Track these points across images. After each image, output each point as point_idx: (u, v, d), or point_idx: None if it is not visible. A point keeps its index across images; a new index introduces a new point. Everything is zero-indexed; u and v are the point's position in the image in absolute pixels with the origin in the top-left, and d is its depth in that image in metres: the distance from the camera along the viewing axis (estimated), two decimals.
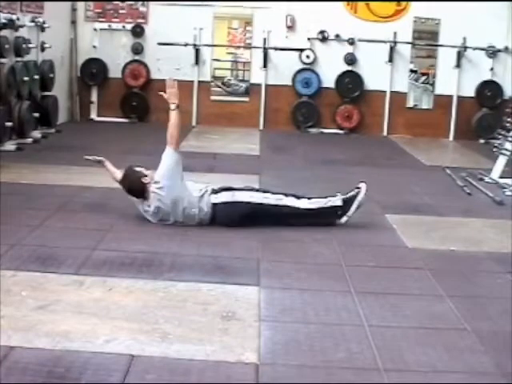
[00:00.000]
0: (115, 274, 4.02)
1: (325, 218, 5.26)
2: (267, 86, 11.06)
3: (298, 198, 5.24)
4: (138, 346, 3.09)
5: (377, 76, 10.95)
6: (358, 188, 5.29)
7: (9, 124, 7.99)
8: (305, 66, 10.97)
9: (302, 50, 10.91)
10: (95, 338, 3.14)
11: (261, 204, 5.12)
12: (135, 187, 5.13)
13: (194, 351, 3.06)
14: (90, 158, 5.48)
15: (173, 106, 5.15)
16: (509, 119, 7.65)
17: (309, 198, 5.25)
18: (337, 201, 5.23)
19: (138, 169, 5.20)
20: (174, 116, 5.15)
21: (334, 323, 3.47)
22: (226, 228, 5.07)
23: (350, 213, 5.23)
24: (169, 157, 5.11)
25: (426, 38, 11.03)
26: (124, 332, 3.22)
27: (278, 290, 3.91)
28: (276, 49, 10.95)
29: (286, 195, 5.22)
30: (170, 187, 5.04)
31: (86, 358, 2.95)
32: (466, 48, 10.83)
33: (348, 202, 5.23)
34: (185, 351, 3.06)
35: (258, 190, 5.33)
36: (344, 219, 5.24)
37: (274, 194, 5.22)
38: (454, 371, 3.00)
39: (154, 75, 10.97)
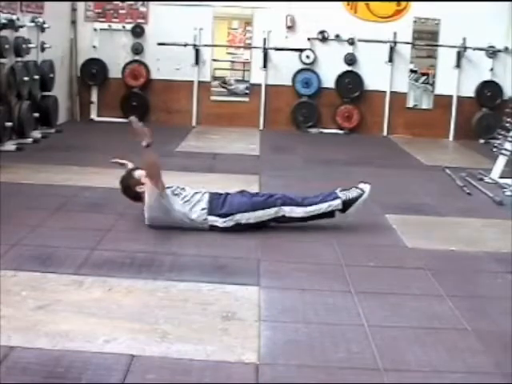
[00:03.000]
0: (115, 274, 4.02)
1: (324, 218, 5.22)
2: (267, 86, 11.06)
3: (298, 204, 5.08)
4: (138, 345, 3.09)
5: (377, 76, 10.95)
6: (362, 190, 5.19)
7: (9, 124, 7.99)
8: (305, 66, 10.97)
9: (301, 50, 10.91)
10: (95, 338, 3.14)
11: (261, 221, 5.08)
12: (129, 193, 5.17)
13: (193, 351, 3.07)
14: (118, 161, 5.51)
15: (144, 144, 4.78)
16: (509, 119, 7.64)
17: (309, 205, 5.09)
18: (338, 205, 5.13)
19: (137, 173, 5.18)
20: (148, 154, 4.82)
21: (334, 323, 3.47)
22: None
23: (348, 213, 5.18)
24: (149, 196, 4.93)
25: (426, 38, 11.03)
26: (124, 332, 3.22)
27: (278, 289, 3.91)
28: (276, 49, 10.95)
29: (285, 203, 5.06)
30: (156, 219, 4.97)
31: (86, 357, 2.95)
32: (465, 48, 10.82)
33: (348, 203, 5.15)
34: (185, 351, 3.06)
35: (254, 203, 5.07)
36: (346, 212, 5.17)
37: (272, 207, 5.04)
38: (454, 371, 3.01)
39: (154, 75, 10.98)
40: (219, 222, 5.02)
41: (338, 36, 10.89)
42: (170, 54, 10.88)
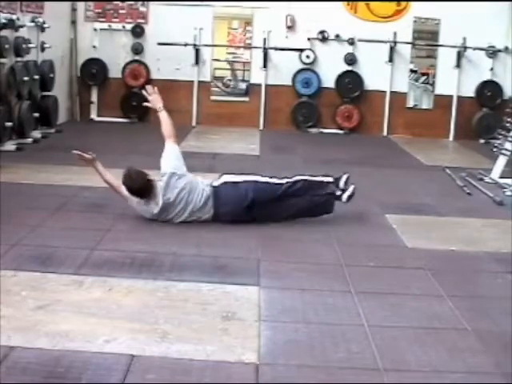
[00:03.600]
0: (115, 273, 4.02)
1: (323, 196, 5.36)
2: (267, 86, 11.06)
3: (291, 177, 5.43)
4: (138, 345, 3.09)
5: (377, 76, 10.94)
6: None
7: (9, 124, 7.99)
8: (305, 66, 10.97)
9: (302, 50, 10.91)
10: (95, 338, 3.14)
11: (258, 181, 5.28)
12: (141, 186, 5.09)
13: (193, 351, 3.07)
14: (82, 154, 5.36)
15: (159, 109, 5.47)
16: (509, 119, 7.64)
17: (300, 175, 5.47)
18: (329, 178, 5.46)
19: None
20: (163, 116, 5.46)
21: (334, 323, 3.47)
22: (225, 227, 5.08)
23: (341, 184, 5.39)
24: (172, 148, 5.29)
25: (426, 38, 11.03)
26: (124, 332, 3.22)
27: (278, 289, 3.91)
28: (276, 49, 10.95)
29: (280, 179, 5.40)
30: (180, 174, 5.15)
31: (86, 357, 2.95)
32: (465, 48, 10.82)
33: (337, 179, 5.44)
34: (185, 351, 3.07)
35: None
36: (344, 196, 5.36)
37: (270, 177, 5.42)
38: (454, 371, 3.01)
39: (154, 75, 10.97)
40: (219, 180, 5.29)
41: (338, 36, 10.88)
42: (170, 54, 10.87)
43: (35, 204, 5.59)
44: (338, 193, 5.39)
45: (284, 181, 5.34)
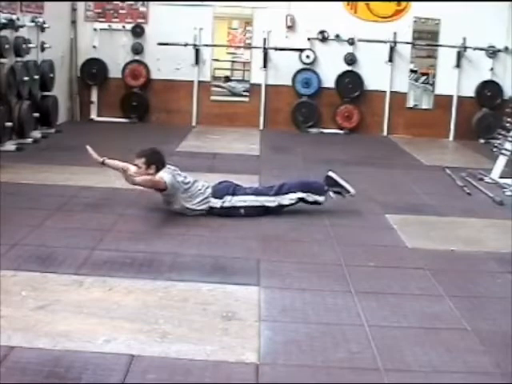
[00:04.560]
0: (115, 273, 4.02)
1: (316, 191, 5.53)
2: (267, 86, 11.06)
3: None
4: (138, 345, 3.09)
5: (377, 76, 10.95)
6: None
7: (9, 124, 7.99)
8: (305, 66, 10.97)
9: (302, 50, 10.91)
10: (95, 338, 3.14)
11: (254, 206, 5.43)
12: (157, 150, 5.52)
13: (193, 351, 3.07)
14: (92, 153, 5.56)
15: (103, 160, 5.52)
16: (509, 119, 7.64)
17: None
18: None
19: None
20: (110, 161, 5.54)
21: (334, 323, 3.47)
22: (225, 227, 5.10)
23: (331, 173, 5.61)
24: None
25: (426, 38, 11.03)
26: (124, 332, 3.22)
27: (278, 289, 3.91)
28: (276, 49, 10.95)
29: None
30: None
31: (86, 357, 2.95)
32: (465, 48, 10.82)
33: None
34: (185, 351, 3.07)
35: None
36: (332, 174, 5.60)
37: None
38: (454, 371, 3.01)
39: (154, 75, 10.98)
40: (216, 202, 5.44)
41: (338, 36, 10.88)
42: (170, 54, 10.88)
43: (35, 204, 5.59)
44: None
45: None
